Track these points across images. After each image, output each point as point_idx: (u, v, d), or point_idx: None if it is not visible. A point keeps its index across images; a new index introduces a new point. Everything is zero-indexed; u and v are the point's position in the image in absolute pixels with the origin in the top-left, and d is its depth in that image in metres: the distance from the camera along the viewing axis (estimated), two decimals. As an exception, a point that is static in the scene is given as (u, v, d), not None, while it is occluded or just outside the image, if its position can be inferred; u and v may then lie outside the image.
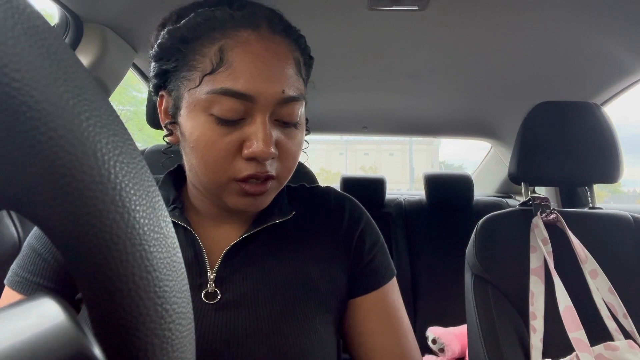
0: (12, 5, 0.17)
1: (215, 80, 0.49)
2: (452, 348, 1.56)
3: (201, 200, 0.59)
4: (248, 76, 0.48)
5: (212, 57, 0.49)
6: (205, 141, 0.49)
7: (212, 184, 0.52)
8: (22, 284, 0.54)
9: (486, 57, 1.26)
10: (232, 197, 0.52)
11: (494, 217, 1.02)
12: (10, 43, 0.16)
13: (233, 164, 0.50)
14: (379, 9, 0.99)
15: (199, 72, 0.50)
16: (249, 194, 0.51)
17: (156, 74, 0.55)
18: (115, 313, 0.19)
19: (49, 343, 0.16)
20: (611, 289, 0.90)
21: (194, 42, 0.50)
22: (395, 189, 2.60)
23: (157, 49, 0.54)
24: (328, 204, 0.64)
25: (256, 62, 0.49)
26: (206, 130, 0.49)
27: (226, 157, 0.50)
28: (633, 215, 1.00)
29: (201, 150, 0.50)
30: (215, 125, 0.49)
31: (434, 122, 1.97)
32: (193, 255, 0.56)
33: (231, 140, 0.49)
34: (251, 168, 0.50)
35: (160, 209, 0.21)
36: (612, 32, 1.07)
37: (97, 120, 0.18)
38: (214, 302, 0.53)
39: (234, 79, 0.48)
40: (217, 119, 0.49)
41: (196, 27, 0.51)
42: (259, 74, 0.49)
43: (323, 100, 1.72)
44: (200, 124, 0.49)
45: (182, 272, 0.21)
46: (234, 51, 0.49)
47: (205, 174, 0.51)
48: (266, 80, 0.49)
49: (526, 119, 1.03)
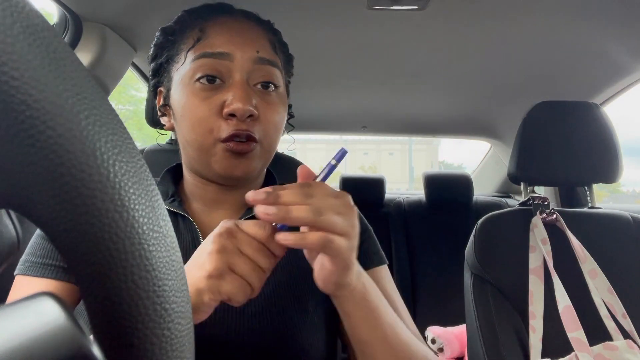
0: (12, 3, 0.17)
1: (195, 50, 0.56)
2: (451, 348, 1.56)
3: (197, 187, 0.62)
4: (223, 40, 0.56)
5: (193, 35, 0.57)
6: (190, 105, 0.55)
7: (201, 150, 0.56)
8: (33, 267, 0.55)
9: (486, 56, 1.26)
10: (219, 160, 0.56)
11: (493, 217, 1.02)
12: (9, 42, 0.16)
13: (216, 124, 0.54)
14: (379, 9, 0.99)
15: (184, 51, 0.57)
16: (234, 152, 0.55)
17: (153, 72, 0.62)
18: (114, 312, 0.19)
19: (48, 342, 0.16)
20: (610, 288, 0.90)
21: (181, 31, 0.59)
22: (394, 189, 2.60)
23: (153, 48, 0.62)
24: None
25: (230, 30, 0.57)
26: (191, 96, 0.55)
27: (209, 118, 0.54)
28: (632, 215, 1.00)
29: (188, 115, 0.55)
30: (199, 91, 0.55)
31: (433, 122, 1.97)
32: (190, 240, 0.59)
33: (213, 101, 0.55)
34: (232, 125, 0.54)
35: (160, 208, 0.21)
36: (612, 32, 1.07)
37: (96, 119, 0.18)
38: None
39: (211, 45, 0.56)
40: (200, 84, 0.55)
41: (182, 19, 0.60)
42: (233, 37, 0.57)
43: (322, 99, 1.72)
44: (187, 93, 0.56)
45: (182, 271, 0.21)
46: (213, 28, 0.57)
47: (194, 140, 0.56)
48: (240, 43, 0.56)
49: (526, 118, 1.03)
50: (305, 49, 1.22)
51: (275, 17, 0.66)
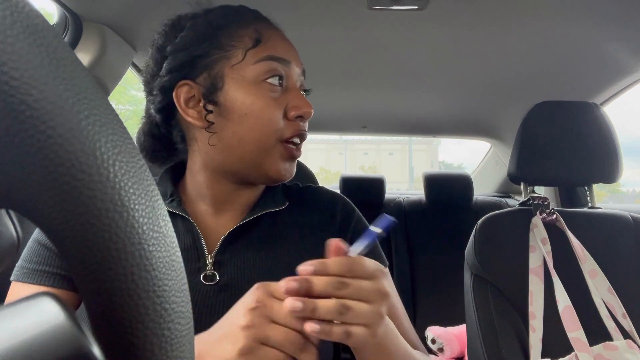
0: (11, 3, 0.17)
1: (258, 52, 0.56)
2: (451, 348, 1.56)
3: (208, 187, 0.61)
4: (284, 47, 0.59)
5: (250, 36, 0.57)
6: (260, 105, 0.55)
7: (261, 149, 0.56)
8: (29, 274, 0.55)
9: (486, 56, 1.26)
10: (276, 161, 0.57)
11: (493, 216, 1.02)
12: (9, 41, 0.16)
13: (281, 125, 0.57)
14: (379, 9, 0.99)
15: (240, 49, 0.57)
16: (292, 157, 0.58)
17: (181, 64, 0.57)
18: (114, 312, 0.19)
19: (48, 342, 0.16)
20: (610, 288, 0.90)
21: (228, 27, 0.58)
22: (394, 189, 2.60)
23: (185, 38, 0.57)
24: (319, 199, 0.68)
25: (285, 40, 0.60)
26: (259, 96, 0.56)
27: (278, 119, 0.56)
28: (632, 215, 1.00)
29: (255, 115, 0.55)
30: (268, 91, 0.56)
31: (433, 122, 1.97)
32: (191, 241, 0.58)
33: (279, 104, 0.57)
34: (297, 126, 0.58)
35: (160, 208, 0.21)
36: (612, 32, 1.07)
37: (96, 119, 0.18)
38: (212, 283, 0.56)
39: (274, 49, 0.57)
40: (269, 85, 0.56)
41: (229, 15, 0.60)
42: (289, 47, 0.60)
43: (322, 99, 1.72)
44: (253, 91, 0.56)
45: (182, 271, 0.21)
46: (269, 32, 0.59)
47: (257, 139, 0.56)
48: (294, 53, 0.61)
49: (526, 118, 1.03)
50: (306, 49, 1.22)
51: (275, 17, 0.66)
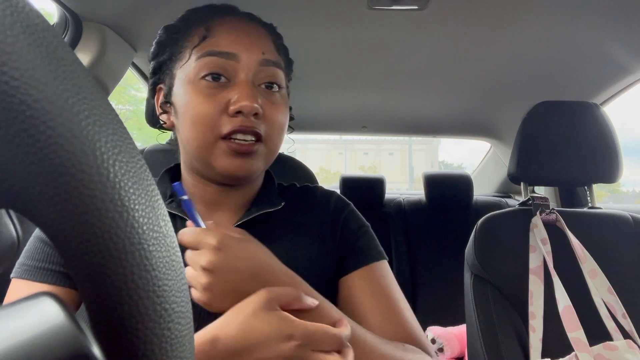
0: (11, 3, 0.17)
1: (201, 48, 0.56)
2: (451, 348, 1.56)
3: (196, 188, 0.62)
4: (230, 40, 0.56)
5: (199, 34, 0.57)
6: (194, 102, 0.55)
7: (202, 147, 0.56)
8: (30, 271, 0.55)
9: (486, 56, 1.26)
10: (221, 158, 0.55)
11: (493, 216, 1.02)
12: (9, 41, 0.16)
13: (220, 121, 0.55)
14: (379, 9, 0.99)
15: (189, 49, 0.57)
16: (237, 152, 0.55)
17: (154, 70, 0.62)
18: (114, 312, 0.19)
19: (48, 342, 0.16)
20: (610, 288, 0.90)
21: (185, 29, 0.59)
22: (394, 189, 2.60)
23: (155, 46, 0.62)
24: (315, 198, 0.68)
25: (237, 31, 0.58)
26: (196, 94, 0.55)
27: (213, 115, 0.54)
28: (632, 215, 1.00)
29: (191, 112, 0.55)
30: (204, 88, 0.55)
31: (433, 122, 1.97)
32: None
33: (218, 99, 0.55)
34: (236, 121, 0.54)
35: (160, 208, 0.21)
36: (612, 32, 1.07)
37: (96, 119, 0.18)
38: None
39: (218, 44, 0.56)
40: (205, 81, 0.55)
41: (187, 18, 0.61)
42: (239, 38, 0.57)
43: (322, 99, 1.72)
44: (191, 90, 0.56)
45: (182, 271, 0.21)
46: (219, 27, 0.57)
47: (195, 138, 0.55)
48: (247, 44, 0.57)
49: (526, 118, 1.03)
50: (306, 49, 1.22)
51: (275, 17, 0.66)
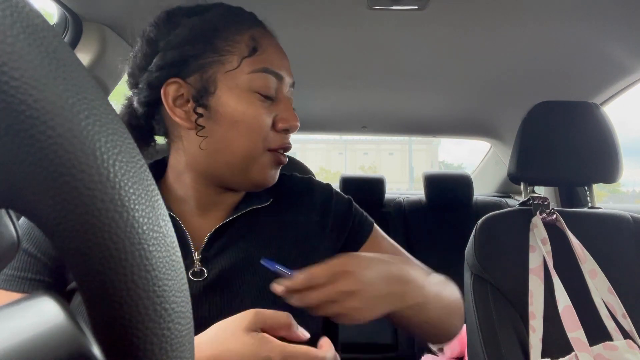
0: (11, 3, 0.17)
1: (254, 62, 0.57)
2: (451, 347, 1.56)
3: (194, 189, 0.62)
4: (279, 60, 0.60)
5: (246, 43, 0.58)
6: (251, 114, 0.57)
7: (249, 156, 0.58)
8: (9, 281, 0.55)
9: (486, 56, 1.26)
10: (263, 168, 0.60)
11: (493, 216, 1.02)
12: (9, 41, 0.16)
13: (269, 135, 0.59)
14: (379, 9, 0.99)
15: (236, 55, 0.57)
16: (279, 163, 0.61)
17: (173, 62, 0.57)
18: (114, 312, 0.19)
19: (48, 342, 0.16)
20: (610, 288, 0.90)
21: (225, 30, 0.58)
22: (394, 189, 2.60)
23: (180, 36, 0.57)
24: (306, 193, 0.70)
25: (280, 51, 0.62)
26: (251, 105, 0.57)
27: (267, 129, 0.58)
28: (632, 215, 1.00)
29: (247, 123, 0.57)
30: (258, 101, 0.58)
31: (433, 122, 1.97)
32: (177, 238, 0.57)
33: (269, 114, 0.58)
34: (283, 139, 0.60)
35: (160, 208, 0.21)
36: (612, 32, 1.07)
37: (96, 119, 0.18)
38: (201, 279, 0.57)
39: (270, 61, 0.59)
40: (260, 95, 0.58)
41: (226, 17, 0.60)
42: (283, 59, 0.61)
43: (322, 99, 1.72)
44: (245, 100, 0.57)
45: (182, 271, 0.21)
46: (264, 40, 0.59)
47: (244, 146, 0.58)
48: (287, 67, 0.61)
49: (526, 118, 1.03)
50: (306, 49, 1.22)
51: (275, 17, 0.66)
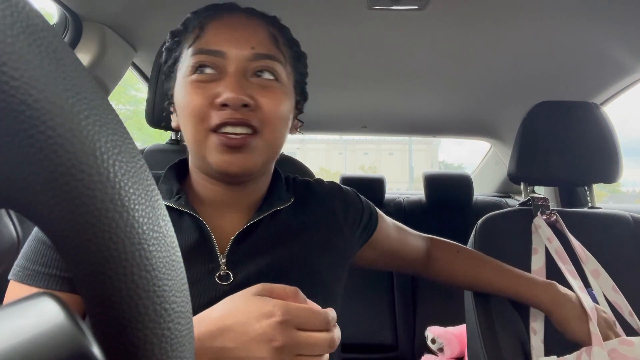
0: (11, 3, 0.17)
1: (194, 47, 0.58)
2: (451, 347, 1.56)
3: (204, 187, 0.62)
4: (219, 38, 0.57)
5: (194, 33, 0.59)
6: (187, 98, 0.56)
7: (196, 141, 0.57)
8: (34, 276, 0.52)
9: (486, 56, 1.26)
10: (214, 153, 0.55)
11: (493, 216, 1.02)
12: (9, 41, 0.16)
13: (209, 113, 0.55)
14: (379, 9, 0.99)
15: (185, 48, 0.59)
16: (228, 146, 0.55)
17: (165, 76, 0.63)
18: (114, 312, 0.19)
19: (48, 342, 0.16)
20: (615, 287, 0.89)
21: (184, 31, 0.61)
22: (394, 189, 2.60)
23: (164, 52, 0.63)
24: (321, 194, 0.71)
25: (227, 27, 0.58)
26: (188, 89, 0.57)
27: (202, 107, 0.55)
28: (632, 215, 1.00)
29: (184, 107, 0.57)
30: (194, 82, 0.56)
31: (433, 122, 1.97)
32: (202, 240, 0.58)
33: (206, 92, 0.56)
34: (224, 114, 0.54)
35: (160, 208, 0.20)
36: (612, 32, 1.07)
37: (96, 119, 0.18)
38: (227, 283, 0.57)
39: (207, 42, 0.57)
40: (195, 76, 0.56)
41: (187, 20, 0.62)
42: (228, 35, 0.57)
43: (322, 99, 1.72)
44: (185, 87, 0.57)
45: (182, 271, 0.21)
46: (211, 25, 0.58)
47: (189, 132, 0.57)
48: (235, 40, 0.57)
49: (526, 118, 1.03)
50: (305, 49, 1.22)
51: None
